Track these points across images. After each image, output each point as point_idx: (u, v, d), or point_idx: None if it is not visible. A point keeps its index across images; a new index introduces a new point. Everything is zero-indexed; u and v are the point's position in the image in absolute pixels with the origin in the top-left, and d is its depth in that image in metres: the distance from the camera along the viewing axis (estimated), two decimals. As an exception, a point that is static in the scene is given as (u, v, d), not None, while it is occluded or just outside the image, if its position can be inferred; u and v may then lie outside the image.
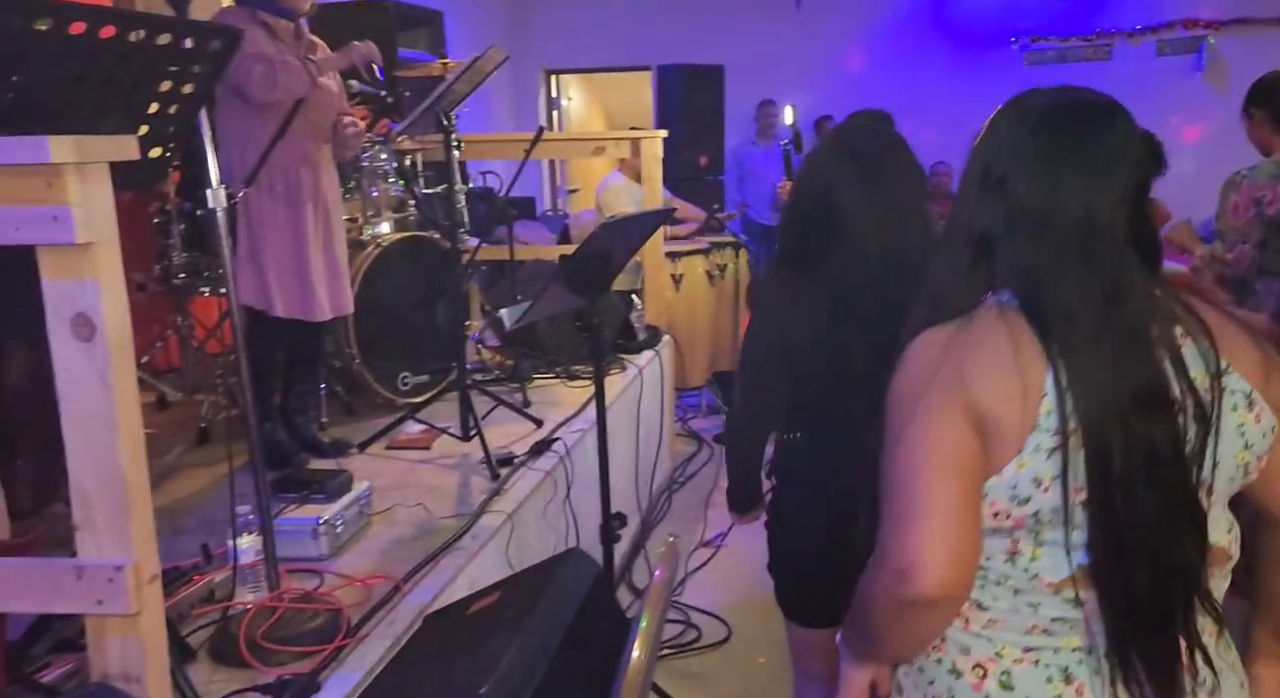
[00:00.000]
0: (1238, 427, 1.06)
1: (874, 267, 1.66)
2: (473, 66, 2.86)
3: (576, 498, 2.89)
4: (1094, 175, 1.05)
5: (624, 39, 8.10)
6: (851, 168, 1.71)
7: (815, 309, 1.70)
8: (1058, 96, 1.12)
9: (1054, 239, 1.05)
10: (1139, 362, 1.02)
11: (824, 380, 1.71)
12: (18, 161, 1.17)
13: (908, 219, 1.72)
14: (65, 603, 1.27)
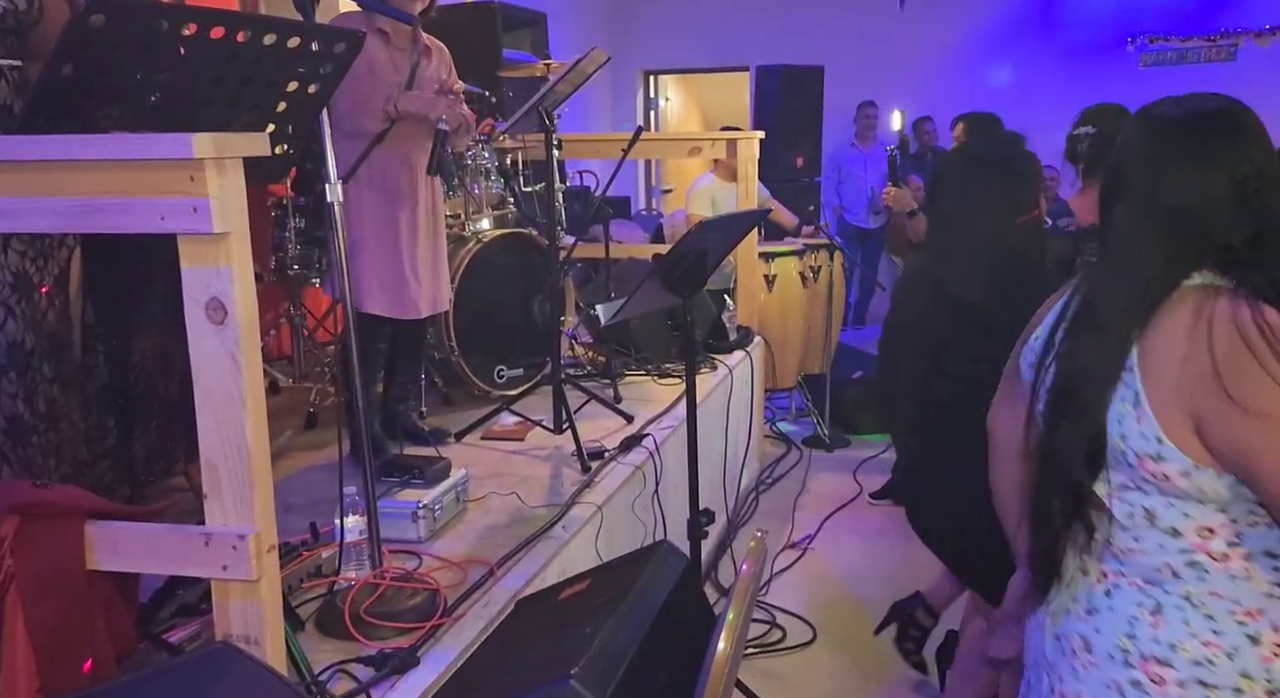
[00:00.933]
0: (1119, 415, 1.21)
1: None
2: (575, 68, 2.93)
3: (664, 494, 2.93)
4: None
5: (722, 40, 8.11)
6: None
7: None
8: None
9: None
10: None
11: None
12: (164, 156, 1.27)
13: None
14: (194, 567, 1.37)
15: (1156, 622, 1.24)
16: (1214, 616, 1.21)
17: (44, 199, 1.30)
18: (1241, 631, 1.20)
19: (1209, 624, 1.21)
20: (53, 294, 1.98)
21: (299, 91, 1.72)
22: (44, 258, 1.96)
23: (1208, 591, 1.21)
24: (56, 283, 1.99)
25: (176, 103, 1.54)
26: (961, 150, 2.40)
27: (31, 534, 1.30)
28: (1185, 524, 1.22)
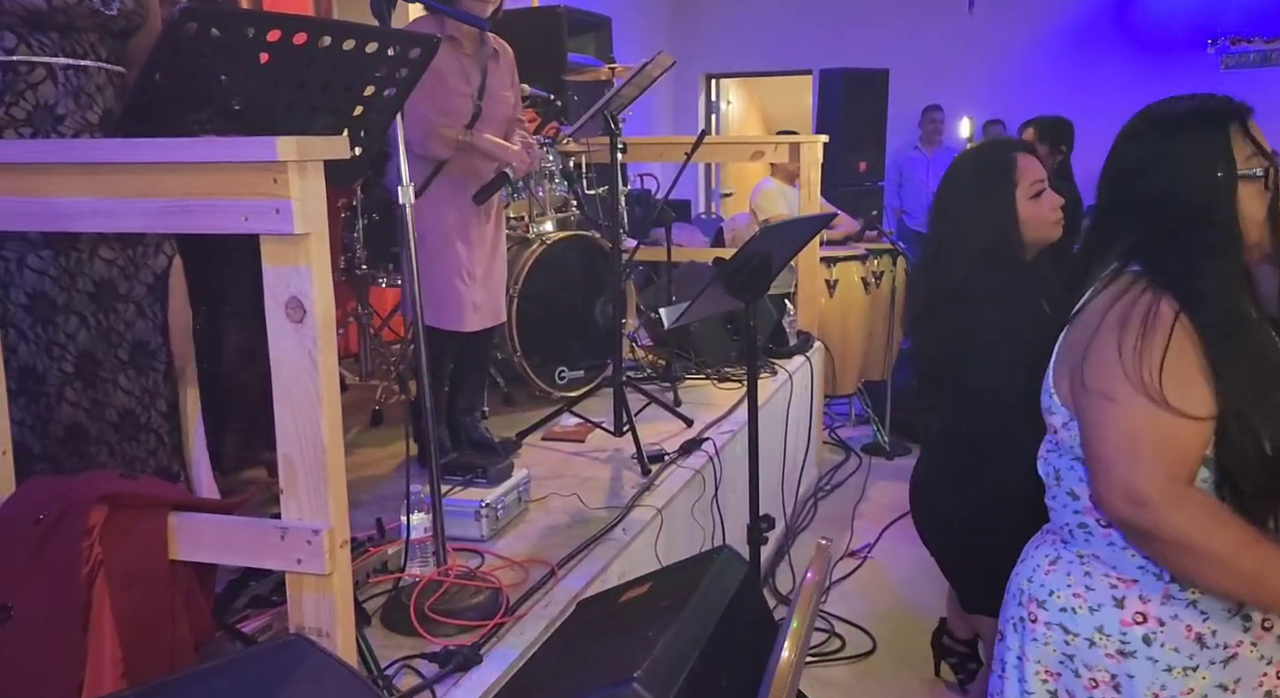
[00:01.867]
0: (1048, 381, 1.40)
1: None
2: (641, 71, 2.94)
3: (723, 498, 2.92)
4: None
5: (786, 43, 8.06)
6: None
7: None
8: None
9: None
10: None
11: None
12: (250, 159, 1.31)
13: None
14: (270, 560, 1.40)
15: (1049, 570, 1.40)
16: (1091, 574, 1.35)
17: (138, 200, 1.35)
18: (1110, 593, 1.33)
19: (1085, 580, 1.36)
20: (144, 304, 1.95)
21: (375, 96, 1.76)
22: (135, 267, 1.94)
23: (1092, 552, 1.36)
24: (150, 292, 1.96)
25: (259, 107, 1.58)
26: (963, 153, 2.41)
27: (119, 524, 1.35)
28: (1081, 488, 1.35)
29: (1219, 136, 1.31)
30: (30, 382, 1.80)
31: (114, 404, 1.89)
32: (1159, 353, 1.21)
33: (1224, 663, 1.29)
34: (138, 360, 1.93)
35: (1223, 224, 1.29)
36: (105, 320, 1.88)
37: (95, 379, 1.85)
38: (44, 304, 1.80)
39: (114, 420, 1.90)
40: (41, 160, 1.39)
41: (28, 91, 1.75)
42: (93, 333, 1.85)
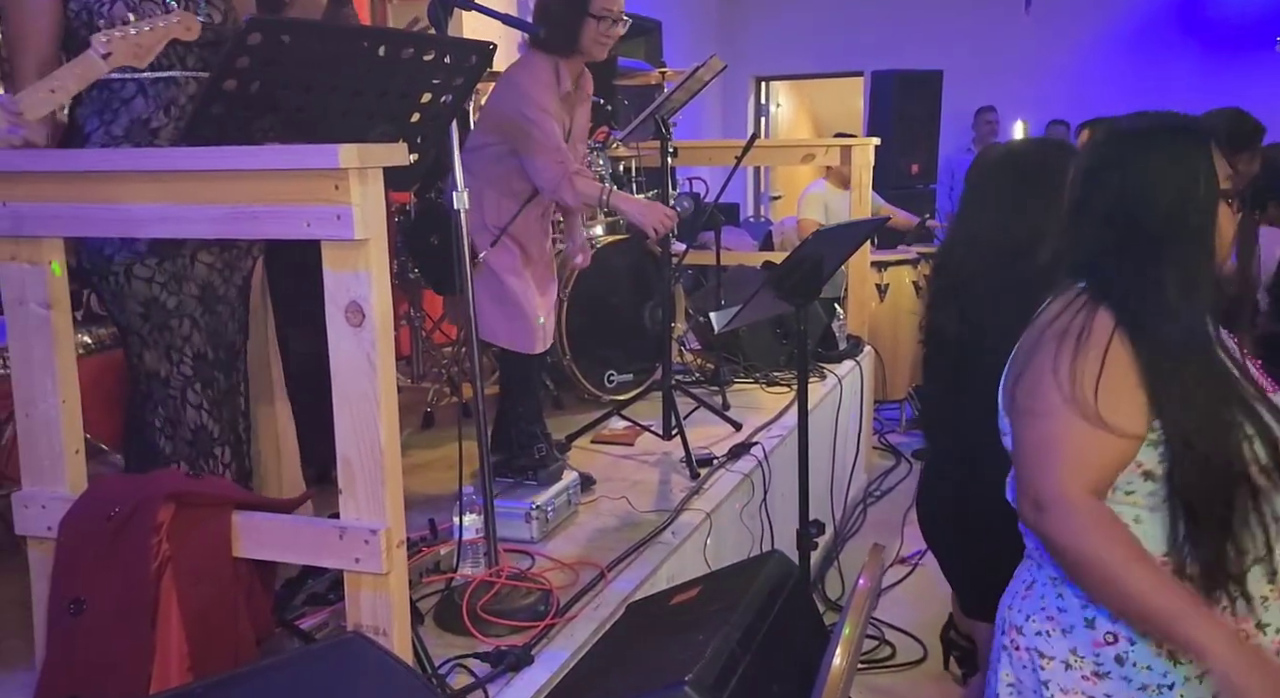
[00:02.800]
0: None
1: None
2: (693, 76, 2.94)
3: (772, 503, 2.91)
4: None
5: (836, 45, 8.00)
6: None
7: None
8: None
9: None
10: None
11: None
12: (312, 167, 1.34)
13: None
14: (328, 558, 1.43)
15: (1025, 595, 1.38)
16: (1063, 595, 1.32)
17: (206, 207, 1.39)
18: (1081, 614, 1.30)
19: (1057, 602, 1.33)
20: (235, 306, 1.99)
21: (432, 103, 1.79)
22: (230, 270, 1.97)
23: (1063, 575, 1.30)
24: (240, 293, 2.01)
25: (319, 114, 1.62)
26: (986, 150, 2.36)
27: (185, 522, 1.39)
28: None
29: (1202, 152, 1.29)
30: (157, 386, 1.85)
31: (226, 406, 1.94)
32: (1095, 366, 1.20)
33: (1199, 678, 1.26)
34: (228, 361, 1.97)
35: (1198, 237, 1.26)
36: (210, 323, 1.92)
37: (211, 380, 1.89)
38: (158, 310, 1.84)
39: (226, 419, 1.94)
40: (114, 169, 1.44)
41: (122, 108, 1.80)
42: (203, 334, 1.89)
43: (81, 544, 1.38)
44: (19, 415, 1.53)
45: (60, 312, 1.52)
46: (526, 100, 2.61)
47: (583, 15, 2.60)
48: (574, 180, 2.65)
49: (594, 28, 2.60)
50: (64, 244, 1.55)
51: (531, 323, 2.78)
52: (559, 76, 2.66)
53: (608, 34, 2.63)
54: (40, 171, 1.47)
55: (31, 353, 1.51)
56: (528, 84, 2.64)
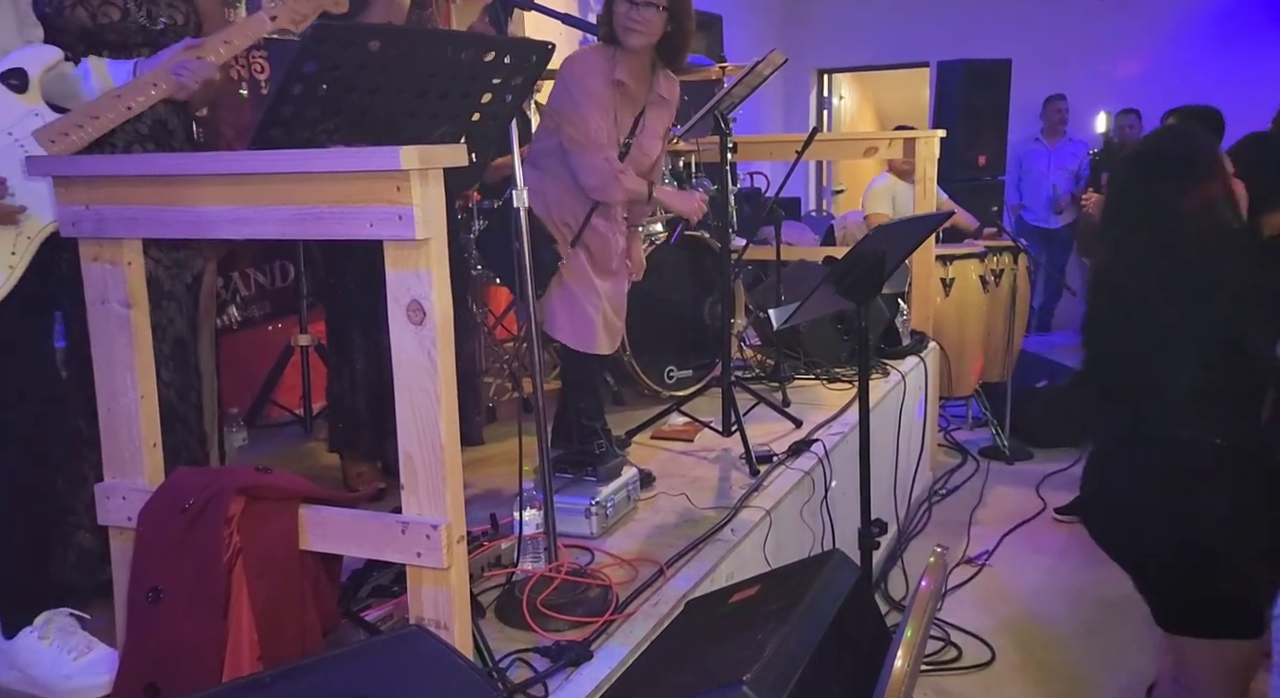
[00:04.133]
0: None
1: None
2: (753, 70, 2.92)
3: (833, 501, 2.88)
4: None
5: (901, 36, 7.86)
6: None
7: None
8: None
9: None
10: None
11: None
12: (375, 169, 1.36)
13: None
14: (391, 552, 1.46)
15: None
16: None
17: (275, 208, 1.43)
18: None
19: None
20: (182, 302, 2.07)
21: (493, 102, 1.81)
22: (179, 267, 2.06)
23: None
24: (188, 291, 2.09)
25: (383, 116, 1.65)
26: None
27: (255, 515, 1.43)
28: None
29: None
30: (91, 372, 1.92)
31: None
32: None
33: None
34: (177, 355, 2.04)
35: None
36: (155, 317, 1.91)
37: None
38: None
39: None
40: (189, 172, 1.48)
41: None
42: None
43: (159, 535, 1.43)
44: (101, 410, 1.59)
45: (139, 310, 1.57)
46: (570, 91, 2.61)
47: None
48: (620, 178, 2.64)
49: (622, 12, 2.58)
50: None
51: (593, 321, 2.79)
52: (614, 64, 2.65)
53: (634, 18, 2.56)
54: (121, 175, 1.52)
55: (113, 350, 1.57)
56: (575, 72, 2.64)
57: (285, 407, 3.48)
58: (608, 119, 2.66)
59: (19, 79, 1.75)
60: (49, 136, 1.73)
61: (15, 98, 1.74)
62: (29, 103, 1.76)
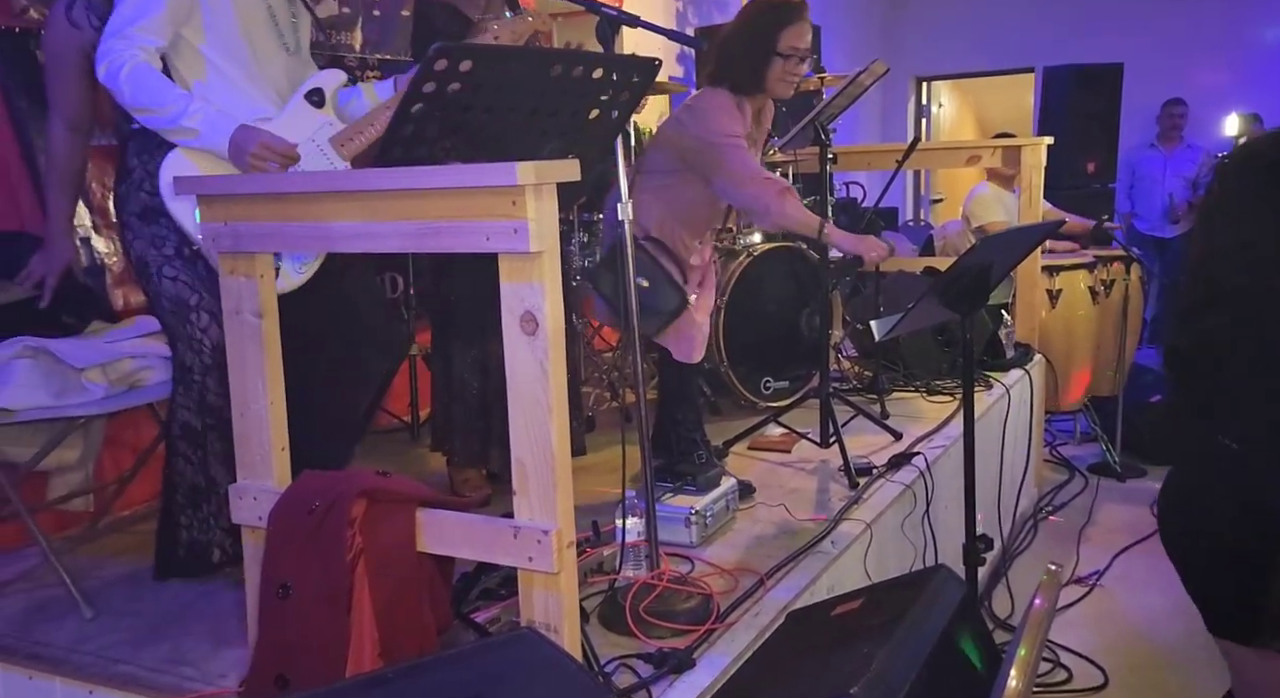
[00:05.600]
0: None
1: None
2: (854, 81, 2.90)
3: (935, 515, 2.83)
4: None
5: (1004, 41, 7.67)
6: None
7: None
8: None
9: None
10: None
11: None
12: (491, 184, 1.41)
13: None
14: (503, 556, 1.51)
15: None
16: None
17: (397, 223, 1.49)
18: None
19: None
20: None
21: (600, 118, 1.85)
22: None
23: None
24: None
25: (498, 133, 1.71)
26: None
27: (376, 516, 1.50)
28: None
29: None
30: (182, 373, 2.14)
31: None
32: None
33: None
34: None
35: None
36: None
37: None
38: (181, 306, 2.10)
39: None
40: (316, 190, 1.57)
41: (158, 149, 2.05)
42: (221, 329, 2.05)
43: (288, 534, 1.51)
44: (235, 416, 1.69)
45: (270, 320, 1.66)
46: (717, 130, 2.61)
47: (769, 54, 2.58)
48: (786, 204, 2.62)
49: (780, 66, 2.59)
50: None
51: (692, 332, 2.81)
52: (742, 112, 2.65)
53: (794, 72, 2.61)
54: (255, 194, 1.62)
55: (245, 358, 1.66)
56: (715, 114, 2.63)
57: (394, 413, 3.60)
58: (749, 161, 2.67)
59: (318, 96, 2.16)
60: (340, 141, 2.15)
61: (316, 111, 2.15)
62: (326, 115, 2.17)
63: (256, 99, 2.13)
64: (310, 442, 2.33)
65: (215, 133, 2.00)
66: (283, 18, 2.21)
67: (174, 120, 1.99)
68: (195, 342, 2.10)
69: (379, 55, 3.66)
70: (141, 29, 1.97)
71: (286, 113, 2.16)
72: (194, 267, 2.09)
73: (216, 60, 2.08)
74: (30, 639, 2.01)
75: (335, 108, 2.22)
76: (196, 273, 2.09)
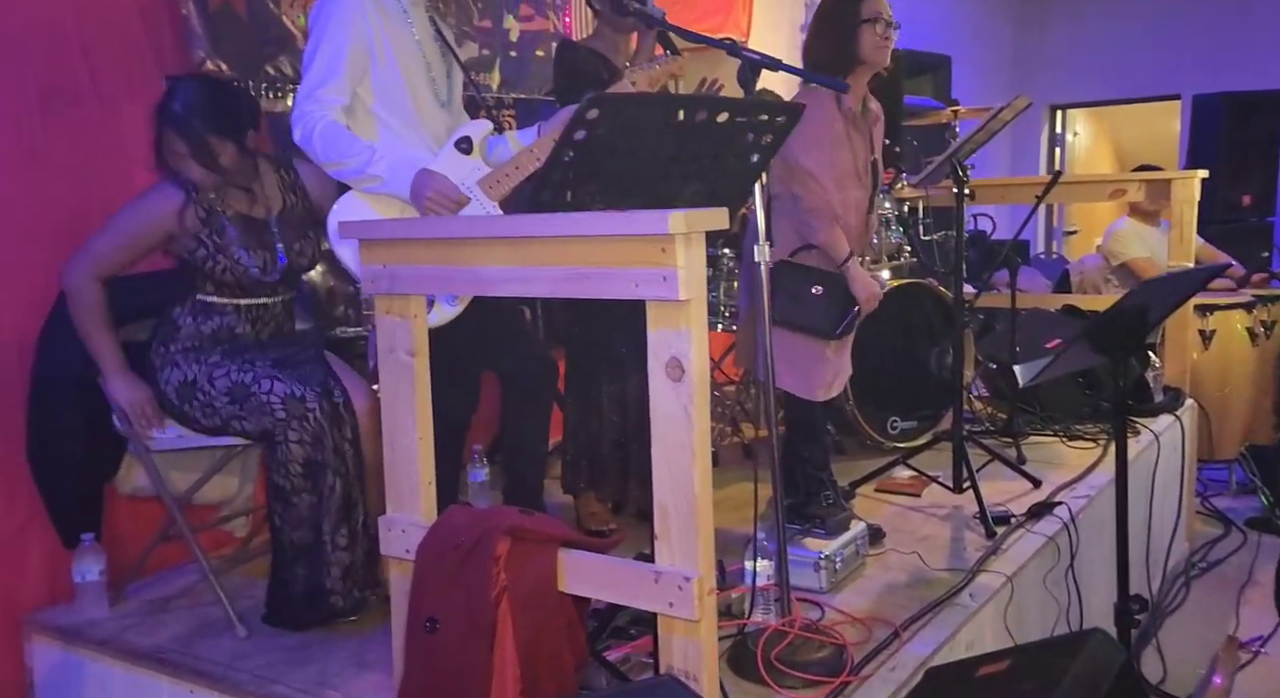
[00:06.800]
0: None
1: None
2: (995, 117, 2.83)
3: (1079, 569, 2.68)
4: None
5: (1147, 67, 7.33)
6: None
7: None
8: None
9: None
10: None
11: None
12: (642, 232, 1.43)
13: None
14: (643, 601, 1.50)
15: None
16: None
17: (547, 268, 1.53)
18: None
19: None
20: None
21: (740, 161, 1.86)
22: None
23: None
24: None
25: (639, 177, 1.73)
26: None
27: (519, 555, 1.52)
28: None
29: None
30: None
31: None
32: None
33: None
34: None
35: None
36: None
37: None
38: (241, 389, 2.23)
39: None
40: (472, 235, 1.62)
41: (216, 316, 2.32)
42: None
43: (435, 569, 1.55)
44: (385, 449, 1.76)
45: (420, 359, 1.72)
46: (801, 144, 2.56)
47: (856, 23, 2.62)
48: (834, 228, 2.62)
49: (869, 34, 2.62)
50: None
51: (815, 369, 2.76)
52: (839, 101, 2.65)
53: (885, 37, 2.64)
54: (413, 238, 1.68)
55: (399, 395, 1.72)
56: (805, 128, 2.62)
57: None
58: (840, 156, 2.65)
59: (466, 144, 2.32)
60: (488, 184, 2.31)
61: (464, 157, 2.32)
62: (474, 160, 2.33)
63: (418, 148, 2.32)
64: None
65: (397, 179, 2.21)
66: (439, 75, 2.41)
67: (360, 170, 2.21)
68: (268, 415, 2.23)
69: (514, 95, 3.78)
70: (328, 91, 2.20)
71: (440, 159, 2.31)
72: (233, 357, 2.27)
73: (385, 116, 2.30)
74: (192, 654, 2.13)
75: (483, 154, 2.37)
76: (237, 360, 2.26)
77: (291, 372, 2.23)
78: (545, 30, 3.88)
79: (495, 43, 3.72)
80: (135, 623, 2.31)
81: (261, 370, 2.23)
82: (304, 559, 2.21)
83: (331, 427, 2.19)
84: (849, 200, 2.69)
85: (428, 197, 2.19)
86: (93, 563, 2.33)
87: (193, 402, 2.25)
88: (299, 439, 2.17)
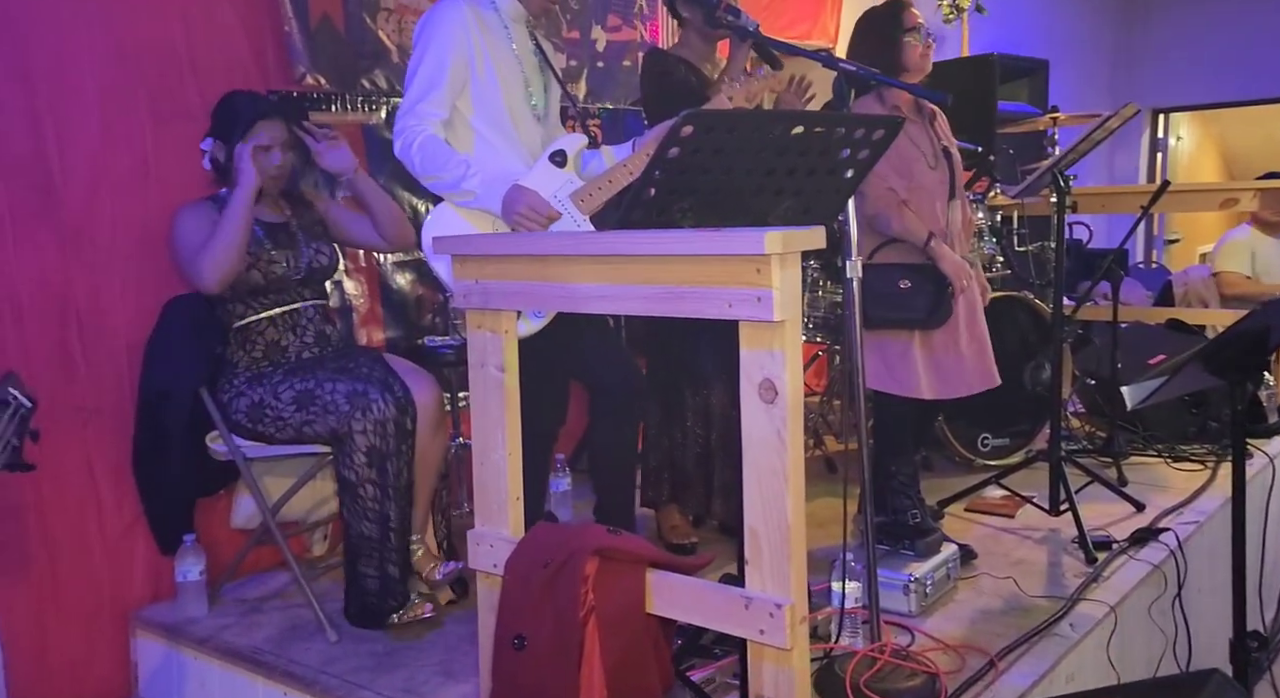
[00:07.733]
0: None
1: None
2: (1102, 125, 2.72)
3: (1187, 600, 2.56)
4: None
5: (1259, 67, 6.96)
6: None
7: None
8: None
9: None
10: None
11: None
12: (737, 252, 1.41)
13: None
14: (733, 626, 1.48)
15: None
16: None
17: (638, 286, 1.51)
18: None
19: None
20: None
21: (835, 178, 1.81)
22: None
23: None
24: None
25: (732, 194, 1.71)
26: None
27: (608, 575, 1.51)
28: None
29: None
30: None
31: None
32: None
33: None
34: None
35: None
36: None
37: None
38: (277, 350, 2.35)
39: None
40: (564, 252, 1.62)
41: (258, 337, 2.37)
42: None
43: (524, 586, 1.55)
44: (475, 464, 1.77)
45: (510, 374, 1.73)
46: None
47: (900, 33, 2.63)
48: (903, 212, 2.59)
49: (912, 44, 2.63)
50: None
51: (913, 364, 2.66)
52: (882, 101, 2.66)
53: (927, 44, 2.66)
54: (506, 254, 1.69)
55: (488, 410, 1.73)
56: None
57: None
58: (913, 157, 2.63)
59: (561, 157, 2.35)
60: (580, 197, 2.33)
61: (558, 170, 2.34)
62: (568, 173, 2.35)
63: (513, 161, 2.34)
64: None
65: (490, 194, 2.24)
66: (536, 89, 2.43)
67: (455, 184, 2.24)
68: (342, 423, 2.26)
69: (600, 104, 3.79)
70: (428, 104, 2.25)
71: (534, 172, 2.33)
72: (295, 373, 2.31)
73: (482, 129, 2.33)
74: (285, 657, 2.18)
75: (577, 168, 2.38)
76: (299, 373, 2.31)
77: (352, 372, 2.28)
78: (632, 40, 3.88)
79: (583, 53, 3.74)
80: (232, 623, 2.38)
81: (323, 376, 2.28)
82: (374, 551, 2.24)
83: (397, 416, 2.23)
84: (920, 185, 2.64)
85: (519, 212, 2.21)
86: (194, 563, 2.41)
87: (264, 420, 2.30)
88: (363, 429, 2.21)
